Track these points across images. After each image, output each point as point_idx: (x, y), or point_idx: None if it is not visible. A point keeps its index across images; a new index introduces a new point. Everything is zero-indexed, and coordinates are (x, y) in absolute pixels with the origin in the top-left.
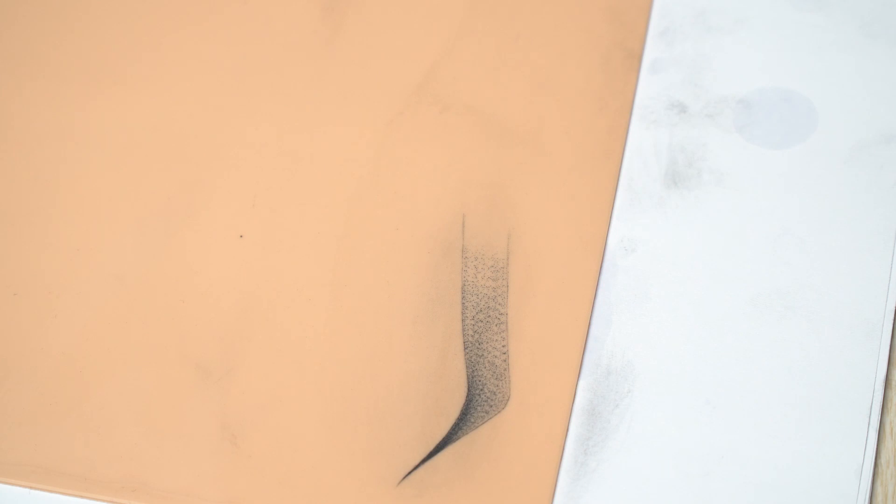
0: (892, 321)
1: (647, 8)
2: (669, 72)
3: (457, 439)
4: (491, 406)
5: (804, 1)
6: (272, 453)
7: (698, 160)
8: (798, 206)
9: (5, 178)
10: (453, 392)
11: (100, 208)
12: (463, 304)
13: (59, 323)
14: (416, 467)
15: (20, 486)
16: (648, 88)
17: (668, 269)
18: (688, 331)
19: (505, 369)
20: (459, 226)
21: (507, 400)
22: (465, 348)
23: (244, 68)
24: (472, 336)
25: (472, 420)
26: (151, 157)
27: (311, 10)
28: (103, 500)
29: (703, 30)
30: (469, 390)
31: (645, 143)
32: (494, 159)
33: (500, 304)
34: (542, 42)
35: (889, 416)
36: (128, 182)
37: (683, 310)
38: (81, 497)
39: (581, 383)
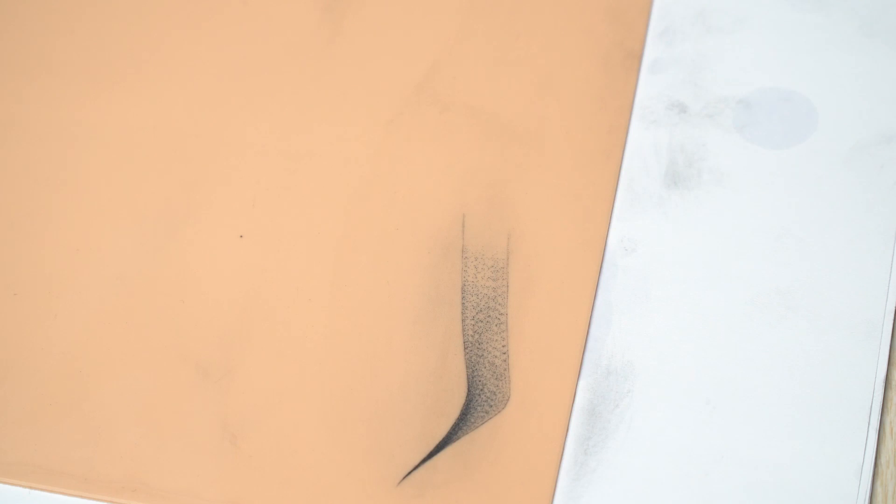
0: (892, 321)
1: (647, 8)
2: (669, 72)
3: (457, 439)
4: (491, 406)
5: (804, 1)
6: (272, 453)
7: (698, 160)
8: (798, 206)
9: (5, 178)
10: (453, 392)
11: (100, 208)
12: (463, 304)
13: (59, 323)
14: (416, 467)
15: (20, 486)
16: (648, 88)
17: (668, 269)
18: (688, 331)
19: (505, 369)
20: (459, 226)
21: (507, 400)
22: (465, 348)
23: (244, 68)
24: (472, 336)
25: (472, 420)
26: (151, 157)
27: (311, 10)
28: (103, 500)
29: (703, 30)
30: (469, 390)
31: (645, 143)
32: (494, 159)
33: (500, 304)
34: (542, 42)
35: (889, 416)
36: (128, 182)
37: (683, 310)
38: (81, 497)
39: (581, 383)
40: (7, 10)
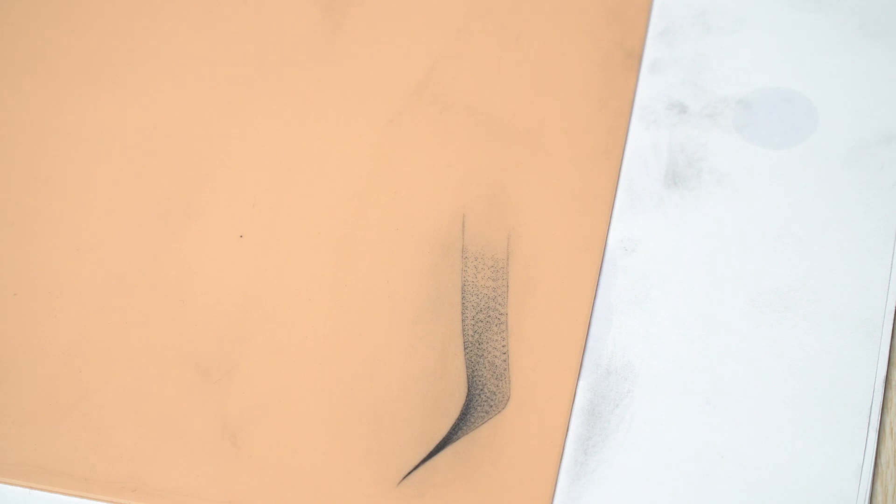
0: (892, 321)
1: (647, 8)
2: (669, 72)
3: (457, 439)
4: (491, 406)
5: (804, 1)
6: (272, 453)
7: (698, 160)
8: (798, 206)
9: (5, 178)
10: (453, 392)
11: (100, 208)
12: (463, 304)
13: (59, 323)
14: (416, 467)
15: (20, 486)
16: (648, 88)
17: (668, 269)
18: (688, 331)
19: (505, 369)
20: (459, 226)
21: (507, 400)
22: (465, 348)
23: (244, 68)
24: (472, 336)
25: (472, 420)
26: (151, 157)
27: (311, 10)
28: (103, 500)
29: (703, 30)
30: (469, 390)
31: (645, 143)
32: (494, 159)
33: (500, 304)
34: (542, 42)
35: (889, 416)
36: (128, 182)
37: (683, 310)
38: (81, 497)
39: (581, 383)
40: (7, 10)
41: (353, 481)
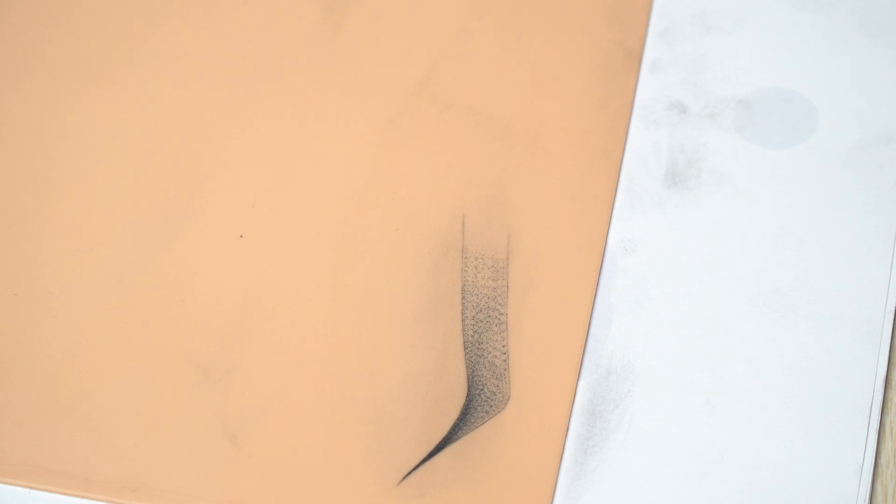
0: (892, 321)
1: (647, 8)
2: (669, 72)
3: (457, 439)
4: (491, 406)
5: (804, 1)
6: (272, 453)
7: (698, 160)
8: (798, 206)
9: (5, 177)
10: (453, 392)
11: (100, 208)
12: (463, 304)
13: (59, 323)
14: (416, 467)
15: (20, 486)
16: (648, 88)
17: (668, 269)
18: (688, 331)
19: (505, 369)
20: (459, 226)
21: (507, 400)
22: (465, 348)
23: (244, 68)
24: (472, 336)
25: (472, 420)
26: (151, 157)
27: (311, 10)
28: (103, 500)
29: (703, 30)
30: (469, 390)
31: (645, 143)
32: (494, 159)
33: (500, 304)
34: (542, 42)
35: (889, 416)
36: (128, 182)
37: (683, 310)
38: (81, 497)
39: (581, 383)
40: (7, 10)
41: (353, 481)
